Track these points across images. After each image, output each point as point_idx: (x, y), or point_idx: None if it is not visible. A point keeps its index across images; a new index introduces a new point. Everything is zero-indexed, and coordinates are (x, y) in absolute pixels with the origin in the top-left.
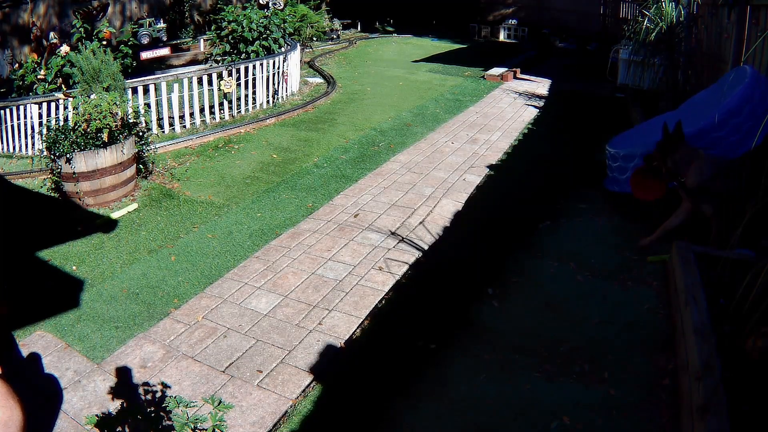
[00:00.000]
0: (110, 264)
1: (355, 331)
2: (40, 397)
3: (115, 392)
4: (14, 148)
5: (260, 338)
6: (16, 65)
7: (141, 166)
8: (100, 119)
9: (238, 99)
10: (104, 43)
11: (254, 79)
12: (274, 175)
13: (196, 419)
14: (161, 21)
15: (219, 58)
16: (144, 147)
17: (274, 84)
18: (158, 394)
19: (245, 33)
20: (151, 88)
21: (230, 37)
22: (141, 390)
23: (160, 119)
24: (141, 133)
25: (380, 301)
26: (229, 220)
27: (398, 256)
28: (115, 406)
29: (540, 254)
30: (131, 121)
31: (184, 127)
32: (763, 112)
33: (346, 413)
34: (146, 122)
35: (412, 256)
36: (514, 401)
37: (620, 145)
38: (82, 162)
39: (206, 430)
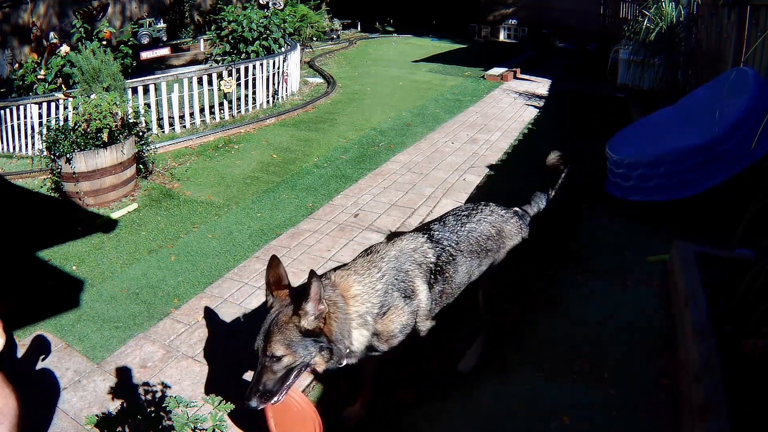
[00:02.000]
0: (110, 264)
1: None
2: (37, 391)
3: (115, 392)
4: (14, 148)
5: None
6: (16, 65)
7: (141, 166)
8: (100, 119)
9: (238, 99)
10: (104, 43)
11: (254, 79)
12: (274, 175)
13: (196, 419)
14: (161, 21)
15: (219, 58)
16: (144, 147)
17: (274, 84)
18: (158, 394)
19: (245, 33)
20: (151, 88)
21: (230, 37)
22: (141, 390)
23: (160, 119)
24: (141, 133)
25: None
26: (229, 220)
27: None
28: (115, 406)
29: (539, 254)
30: (131, 121)
31: (184, 127)
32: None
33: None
34: (146, 122)
35: None
36: (514, 401)
37: (621, 147)
38: (82, 162)
39: (206, 430)
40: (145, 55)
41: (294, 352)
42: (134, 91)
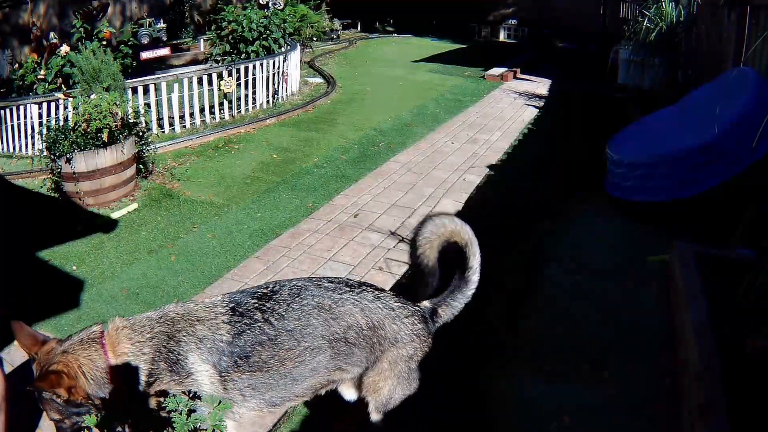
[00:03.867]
0: (110, 264)
1: None
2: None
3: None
4: (14, 148)
5: None
6: (16, 65)
7: (141, 166)
8: (100, 119)
9: (238, 99)
10: (104, 43)
11: (254, 79)
12: (274, 175)
13: (196, 419)
14: (161, 21)
15: (219, 58)
16: (144, 147)
17: (274, 84)
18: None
19: (245, 33)
20: (151, 88)
21: (230, 37)
22: None
23: (160, 119)
24: (141, 133)
25: None
26: (229, 220)
27: (398, 256)
28: None
29: (540, 254)
30: (131, 121)
31: (184, 127)
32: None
33: (345, 412)
34: (146, 122)
35: None
36: (514, 402)
37: (621, 147)
38: (82, 162)
39: (206, 430)
40: (145, 55)
41: (69, 417)
42: (134, 91)
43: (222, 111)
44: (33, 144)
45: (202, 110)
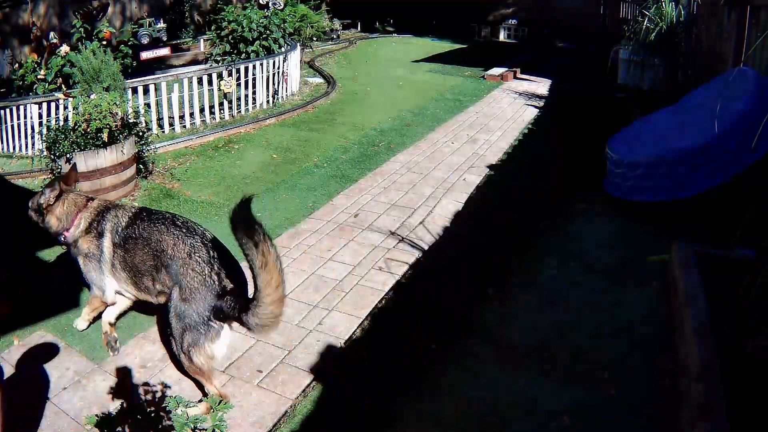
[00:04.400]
0: None
1: (355, 331)
2: (30, 388)
3: (115, 392)
4: (14, 148)
5: (260, 338)
6: (16, 65)
7: (141, 166)
8: (100, 119)
9: (238, 99)
10: (104, 43)
11: (254, 79)
12: (274, 175)
13: (196, 419)
14: (161, 21)
15: (219, 58)
16: (144, 147)
17: (274, 84)
18: (158, 394)
19: (245, 33)
20: (151, 88)
21: (230, 37)
22: (141, 390)
23: (160, 119)
24: (141, 133)
25: (380, 301)
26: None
27: (398, 256)
28: (115, 406)
29: (540, 254)
30: (131, 121)
31: (184, 127)
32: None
33: (346, 413)
34: (146, 122)
35: (412, 256)
36: (515, 401)
37: (622, 146)
38: (82, 162)
39: (206, 430)
40: (145, 55)
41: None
42: (134, 91)
43: (222, 111)
44: (33, 144)
45: (202, 110)
